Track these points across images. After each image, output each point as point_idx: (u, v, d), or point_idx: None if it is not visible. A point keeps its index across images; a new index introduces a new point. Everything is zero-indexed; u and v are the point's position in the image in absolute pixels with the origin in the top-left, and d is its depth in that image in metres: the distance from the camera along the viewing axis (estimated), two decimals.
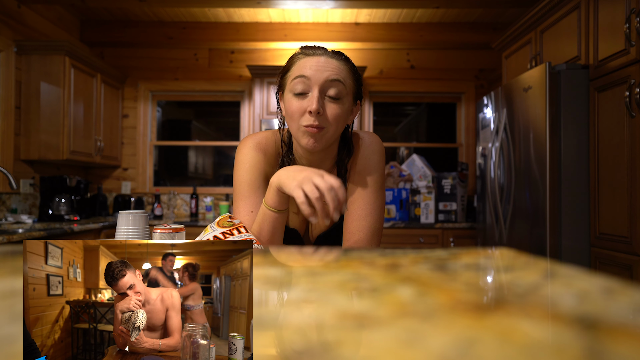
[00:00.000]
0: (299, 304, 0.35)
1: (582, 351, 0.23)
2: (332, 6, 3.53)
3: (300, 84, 0.96)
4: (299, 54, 1.01)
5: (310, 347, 0.24)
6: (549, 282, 0.43)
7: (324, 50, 1.00)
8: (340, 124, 0.99)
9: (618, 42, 2.01)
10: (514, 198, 2.55)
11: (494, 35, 4.00)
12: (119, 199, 3.98)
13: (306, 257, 0.58)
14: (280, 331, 0.28)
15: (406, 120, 4.69)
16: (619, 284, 0.39)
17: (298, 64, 0.99)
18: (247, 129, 4.14)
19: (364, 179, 1.05)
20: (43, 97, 3.25)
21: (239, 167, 1.07)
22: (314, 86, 0.95)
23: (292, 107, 0.98)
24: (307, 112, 0.95)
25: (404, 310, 0.31)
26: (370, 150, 1.07)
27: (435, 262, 0.53)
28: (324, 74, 0.96)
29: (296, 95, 0.97)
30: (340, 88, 0.97)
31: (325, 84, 0.96)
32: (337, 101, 0.97)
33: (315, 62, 0.97)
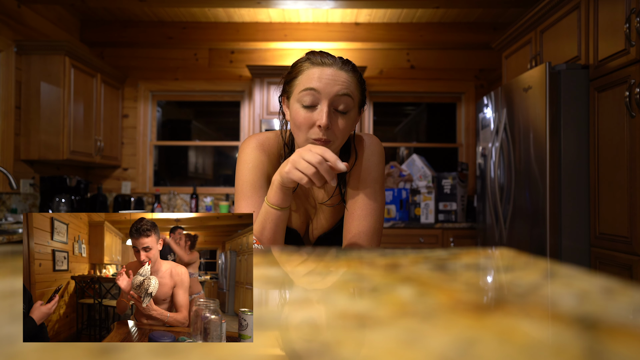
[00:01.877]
0: (299, 304, 0.35)
1: (582, 351, 0.23)
2: (332, 6, 3.53)
3: (309, 96, 0.96)
4: (305, 61, 0.99)
5: (310, 347, 0.24)
6: (549, 282, 0.43)
7: (333, 59, 0.98)
8: (346, 136, 1.00)
9: (618, 42, 2.01)
10: (514, 198, 2.55)
11: (494, 35, 4.00)
12: (119, 199, 3.98)
13: (306, 257, 0.58)
14: (281, 331, 0.28)
15: (406, 120, 4.69)
16: (619, 284, 0.39)
17: (307, 74, 0.97)
18: (247, 129, 4.14)
19: (364, 180, 1.05)
20: (43, 97, 3.25)
21: (241, 167, 1.07)
22: (323, 100, 0.95)
23: (299, 119, 0.97)
24: (317, 126, 0.95)
25: (404, 310, 0.31)
26: (370, 152, 1.07)
27: (435, 262, 0.53)
28: (334, 88, 0.95)
29: (305, 107, 0.97)
30: (349, 102, 0.97)
31: (335, 99, 0.96)
32: (345, 115, 0.97)
33: (326, 75, 0.96)
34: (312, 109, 0.96)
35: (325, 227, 1.12)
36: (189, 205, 4.08)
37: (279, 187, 0.93)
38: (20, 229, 2.68)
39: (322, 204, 1.10)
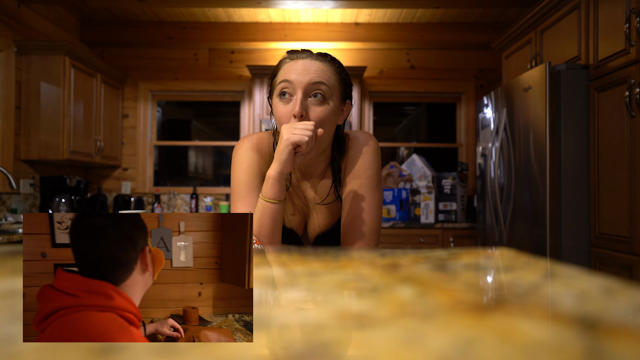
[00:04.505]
0: (299, 304, 0.35)
1: (582, 351, 0.23)
2: (332, 6, 3.53)
3: (284, 89, 0.98)
4: (285, 59, 1.02)
5: (310, 347, 0.24)
6: (549, 282, 0.43)
7: (309, 53, 1.01)
8: (328, 126, 1.00)
9: (618, 42, 2.01)
10: (514, 198, 2.55)
11: (494, 35, 4.00)
12: (119, 199, 3.98)
13: (306, 257, 0.58)
14: (280, 331, 0.28)
15: (406, 120, 4.69)
16: (619, 284, 0.39)
17: (284, 69, 1.00)
18: (247, 129, 4.14)
19: (359, 178, 1.05)
20: (43, 97, 3.25)
21: (236, 168, 1.07)
22: (297, 89, 0.97)
23: (278, 112, 1.00)
24: (292, 116, 0.97)
25: (404, 310, 0.31)
26: (364, 150, 1.06)
27: (435, 262, 0.53)
28: (307, 77, 0.97)
29: (281, 100, 0.99)
30: (324, 89, 0.98)
31: (309, 87, 0.97)
32: (321, 103, 0.98)
33: (299, 66, 0.98)
34: (288, 101, 0.99)
35: (323, 227, 1.12)
36: (189, 205, 4.08)
37: (275, 179, 0.94)
38: (20, 229, 2.68)
39: (318, 203, 1.10)
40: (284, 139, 0.92)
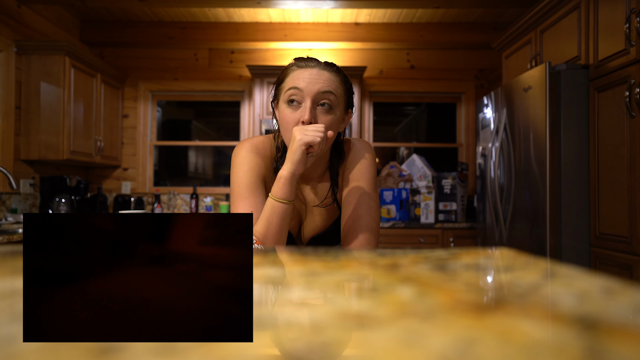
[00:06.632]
0: (299, 304, 0.35)
1: (582, 351, 0.23)
2: (332, 6, 3.53)
3: (293, 95, 1.00)
4: (292, 66, 1.05)
5: (310, 347, 0.24)
6: (549, 282, 0.43)
7: (317, 62, 1.04)
8: (333, 134, 1.03)
9: (618, 42, 2.01)
10: (514, 198, 2.55)
11: (494, 35, 4.00)
12: (119, 199, 3.98)
13: (306, 257, 0.58)
14: (280, 331, 0.28)
15: (406, 120, 4.69)
16: (619, 284, 0.39)
17: (292, 76, 1.02)
18: (247, 129, 4.14)
19: (357, 182, 1.08)
20: (43, 97, 3.25)
21: (237, 170, 1.08)
22: (306, 97, 0.99)
23: (286, 118, 1.02)
24: (300, 123, 0.99)
25: (404, 310, 0.31)
26: (361, 155, 1.11)
27: (435, 262, 0.53)
28: (316, 85, 0.99)
29: (290, 107, 1.01)
30: (332, 99, 1.01)
31: (318, 96, 1.00)
32: (328, 112, 1.01)
33: (308, 75, 1.00)
34: (296, 108, 1.01)
35: (318, 229, 1.14)
36: (189, 205, 4.08)
37: (287, 179, 0.95)
38: (20, 229, 2.68)
39: (316, 206, 1.12)
40: (296, 139, 0.94)
